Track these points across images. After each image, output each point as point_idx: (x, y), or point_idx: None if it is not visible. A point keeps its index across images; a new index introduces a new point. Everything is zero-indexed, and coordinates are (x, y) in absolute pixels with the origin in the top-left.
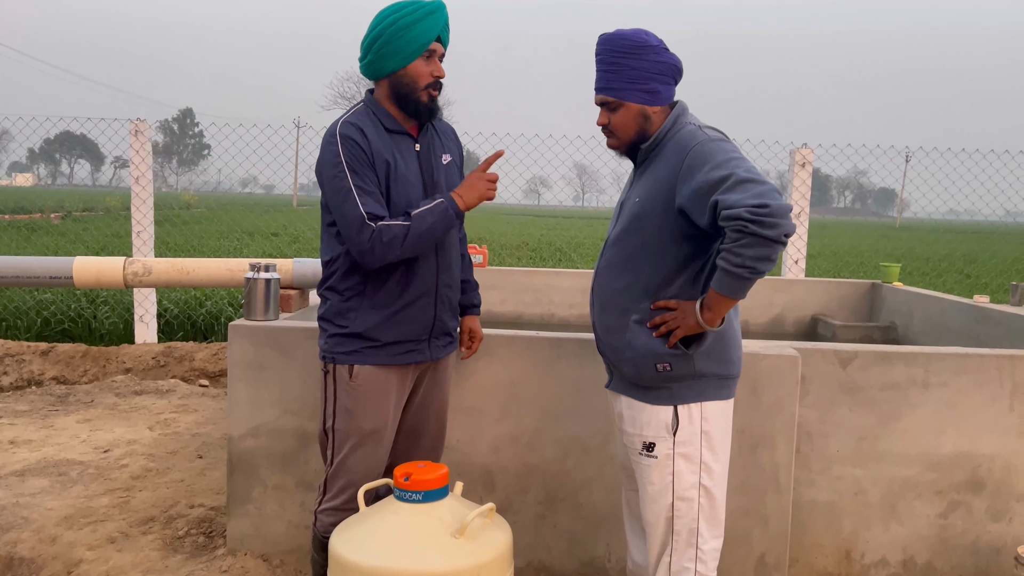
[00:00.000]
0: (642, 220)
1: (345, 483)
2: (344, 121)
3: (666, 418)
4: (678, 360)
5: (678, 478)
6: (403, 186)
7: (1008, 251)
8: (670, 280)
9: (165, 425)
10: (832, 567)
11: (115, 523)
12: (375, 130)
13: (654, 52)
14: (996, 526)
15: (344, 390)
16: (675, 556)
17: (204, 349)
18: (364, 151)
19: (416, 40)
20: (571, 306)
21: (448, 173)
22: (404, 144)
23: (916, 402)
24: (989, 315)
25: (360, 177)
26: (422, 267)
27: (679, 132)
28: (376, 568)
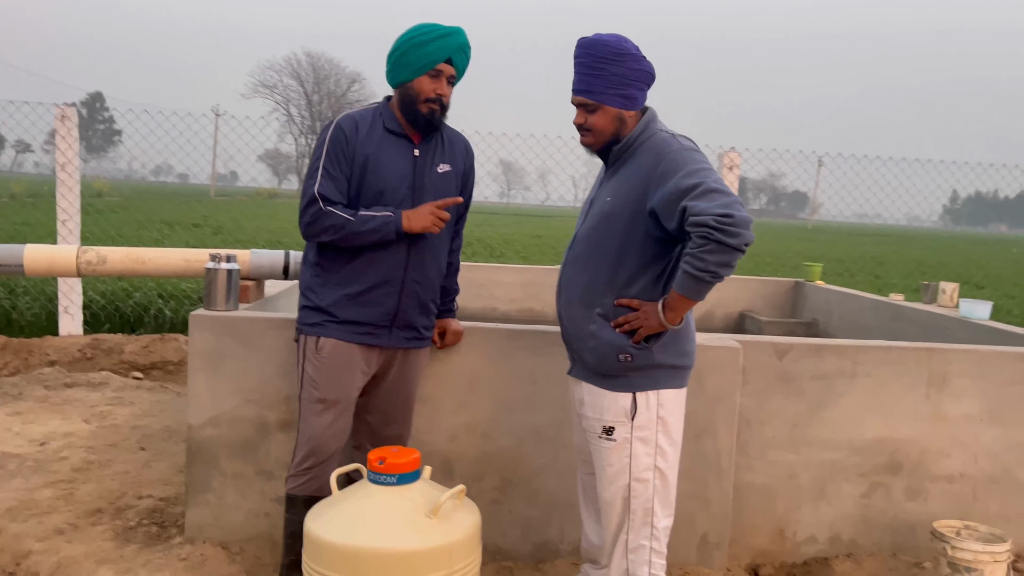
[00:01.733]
0: (611, 219)
1: (308, 450)
2: (347, 114)
3: (625, 404)
4: (639, 351)
5: (635, 460)
6: (381, 180)
7: (912, 254)
8: (634, 279)
9: (101, 418)
10: (767, 545)
11: (61, 515)
12: (371, 127)
13: (633, 60)
14: (912, 505)
15: (311, 360)
16: (631, 534)
17: (134, 342)
18: (347, 141)
19: (425, 58)
20: (512, 301)
21: (442, 181)
22: (400, 145)
23: (843, 391)
24: (903, 312)
25: (332, 162)
26: (389, 258)
27: (652, 137)
28: (354, 547)
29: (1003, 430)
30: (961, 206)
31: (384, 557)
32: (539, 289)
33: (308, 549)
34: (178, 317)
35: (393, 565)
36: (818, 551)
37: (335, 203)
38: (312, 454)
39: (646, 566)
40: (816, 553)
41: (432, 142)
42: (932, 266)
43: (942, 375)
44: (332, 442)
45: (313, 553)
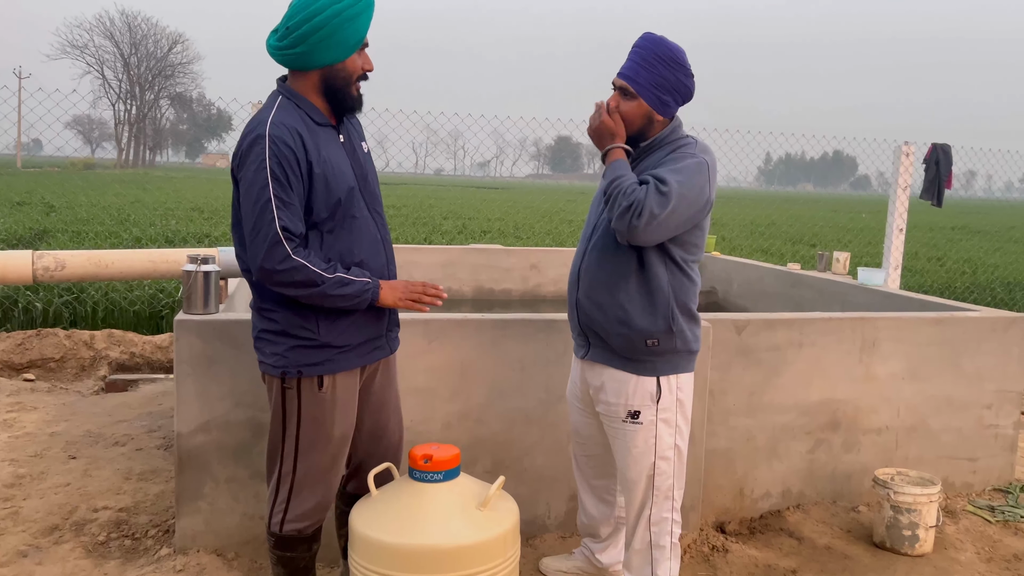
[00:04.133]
0: None
1: (320, 492)
2: (273, 121)
3: (651, 388)
4: (665, 336)
5: (659, 441)
6: (340, 181)
7: (742, 216)
8: (654, 263)
9: (8, 427)
10: (729, 503)
11: (15, 536)
12: (306, 127)
13: (684, 73)
14: (848, 456)
15: (313, 401)
16: (655, 508)
17: (6, 339)
18: (296, 157)
19: (358, 33)
20: (432, 281)
21: (369, 162)
22: (330, 137)
23: (792, 360)
24: (802, 280)
25: (283, 187)
26: (375, 263)
27: (677, 141)
28: (418, 546)
29: (920, 385)
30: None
31: (447, 552)
32: (457, 268)
33: (362, 550)
34: (51, 309)
35: (455, 559)
36: (772, 505)
37: (296, 236)
38: (324, 494)
39: (668, 536)
40: (771, 507)
41: (344, 124)
42: (764, 225)
43: (872, 340)
44: (336, 478)
45: (369, 554)
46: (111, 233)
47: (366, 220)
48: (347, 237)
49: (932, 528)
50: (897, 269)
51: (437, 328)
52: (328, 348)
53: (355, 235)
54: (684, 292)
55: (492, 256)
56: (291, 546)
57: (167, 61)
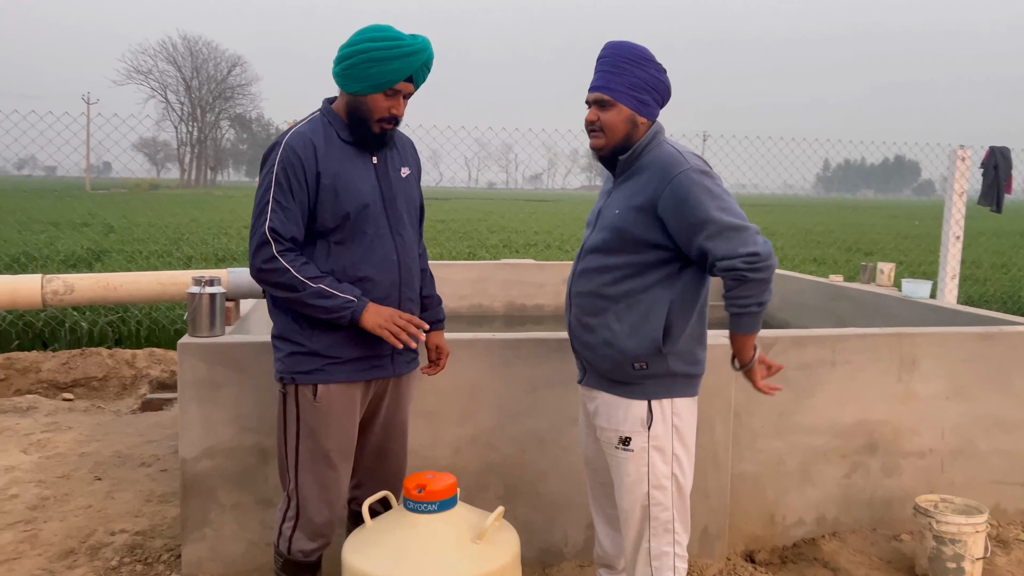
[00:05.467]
0: (619, 231)
1: (326, 508)
2: (295, 131)
3: (640, 413)
4: (653, 359)
5: (652, 469)
6: (353, 196)
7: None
8: (647, 285)
9: (41, 447)
10: (759, 530)
11: (31, 560)
12: (327, 142)
13: (656, 68)
14: (888, 481)
15: (309, 410)
16: (654, 541)
17: (51, 359)
18: (304, 165)
19: (383, 76)
20: (462, 297)
21: (407, 186)
22: (355, 154)
23: (825, 379)
24: (844, 293)
25: (283, 191)
26: (384, 281)
27: (658, 150)
28: None
29: (966, 405)
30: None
31: None
32: (487, 284)
33: None
34: (95, 329)
35: None
36: (806, 532)
37: (285, 239)
38: (326, 513)
39: (671, 572)
40: (804, 534)
41: (384, 149)
42: (820, 233)
43: (912, 358)
44: (341, 495)
45: None
46: (164, 252)
47: (383, 239)
48: (355, 251)
49: (980, 560)
50: (954, 279)
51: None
52: (318, 357)
53: (365, 251)
54: (685, 309)
55: (524, 271)
56: (296, 571)
57: (227, 83)
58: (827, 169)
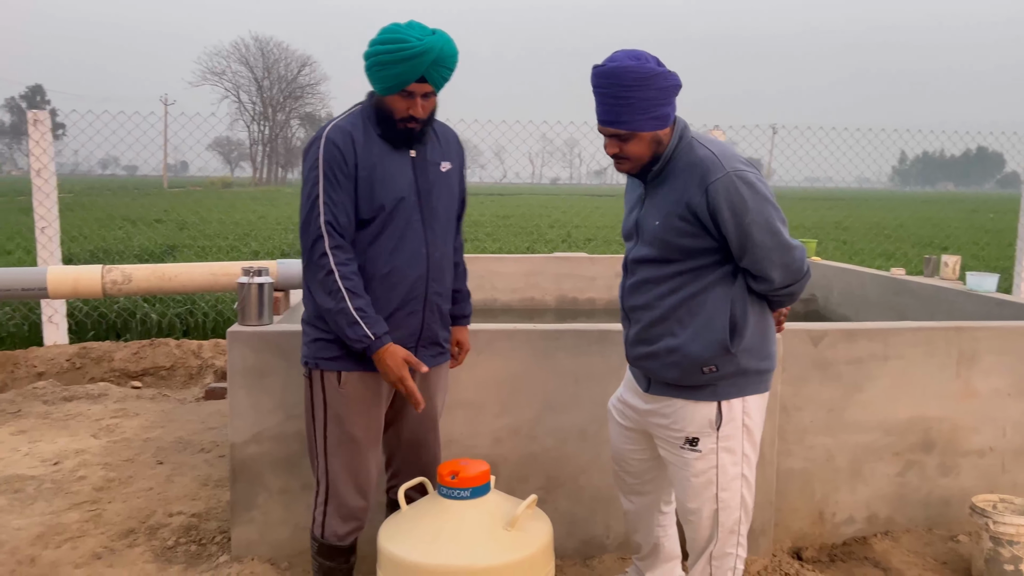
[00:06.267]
0: (665, 243)
1: (354, 487)
2: (334, 125)
3: (709, 414)
4: (722, 360)
5: (722, 471)
6: (389, 189)
7: (871, 217)
8: (705, 287)
9: (109, 432)
10: (807, 528)
11: (94, 538)
12: (365, 135)
13: (660, 79)
14: (945, 480)
15: (334, 396)
16: (718, 545)
17: (123, 348)
18: (344, 158)
19: (391, 80)
20: (513, 291)
21: (446, 181)
22: (397, 150)
23: (876, 374)
24: (907, 287)
25: (332, 184)
26: (411, 274)
27: (689, 152)
28: (438, 566)
29: None
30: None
31: (471, 574)
32: (540, 278)
33: (387, 568)
34: (164, 321)
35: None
36: (856, 531)
37: (338, 232)
38: (356, 499)
39: (731, 572)
40: (855, 533)
41: (426, 139)
42: (892, 227)
43: (971, 353)
44: (370, 481)
45: (390, 571)
46: (232, 247)
47: (414, 232)
48: (386, 244)
49: None
50: None
51: (485, 339)
52: (341, 344)
53: (396, 244)
54: (748, 304)
55: (576, 264)
56: (330, 555)
57: (296, 83)
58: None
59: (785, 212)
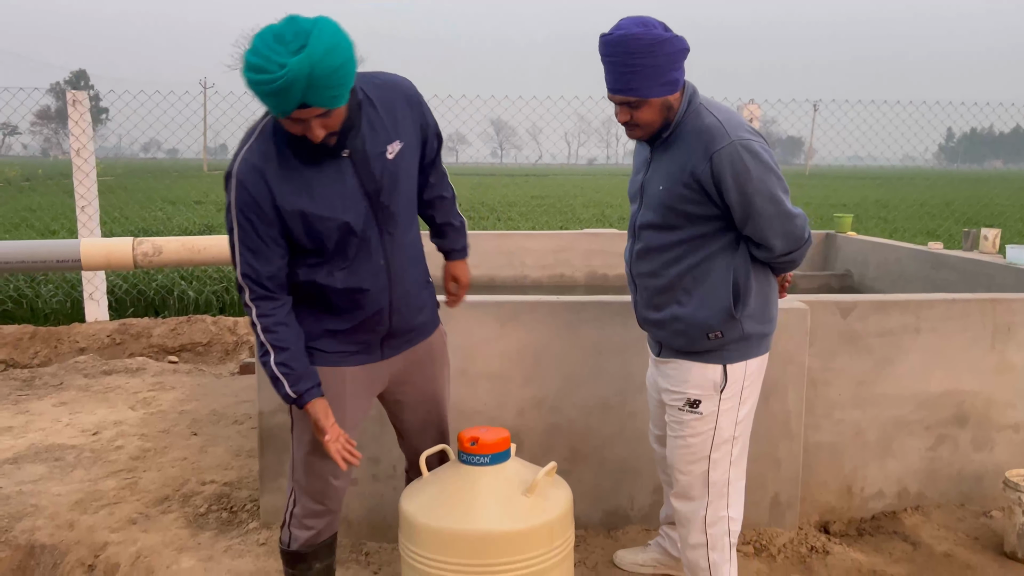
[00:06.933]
0: (670, 209)
1: (316, 497)
2: (242, 159)
3: (715, 377)
4: (727, 326)
5: (718, 433)
6: (327, 220)
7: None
8: (710, 255)
9: (146, 404)
10: (835, 502)
11: (130, 505)
12: (280, 161)
13: (668, 45)
14: (979, 455)
15: None
16: (710, 508)
17: (161, 324)
18: (258, 202)
19: (271, 109)
20: (543, 267)
21: (399, 165)
22: (328, 158)
23: (908, 347)
24: (945, 261)
25: (247, 233)
26: (372, 290)
27: (696, 119)
28: (456, 530)
29: None
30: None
31: (487, 538)
32: (569, 254)
33: (406, 531)
34: (201, 298)
35: (495, 546)
36: (886, 505)
37: (259, 284)
38: (321, 502)
39: (726, 536)
40: (884, 508)
41: (358, 131)
42: (937, 206)
43: (1007, 325)
44: (343, 483)
45: (412, 536)
46: None
47: (371, 246)
48: (337, 264)
49: None
50: None
51: (509, 311)
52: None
53: (348, 265)
54: (751, 270)
55: (606, 241)
56: (296, 560)
57: None
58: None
59: (825, 191)
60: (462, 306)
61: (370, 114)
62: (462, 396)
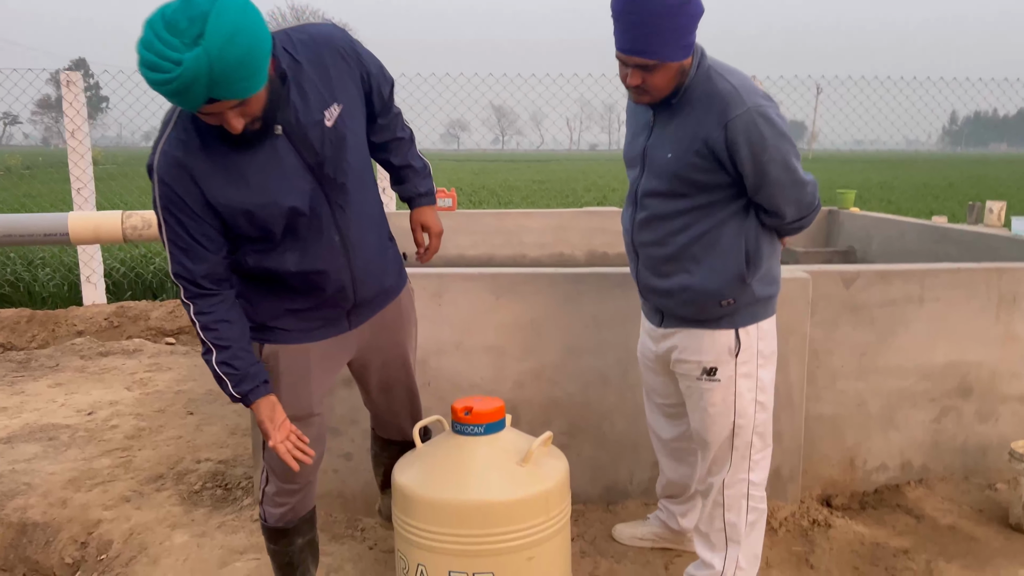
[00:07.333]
0: (679, 178)
1: (285, 478)
2: (162, 151)
3: (728, 342)
4: (739, 292)
5: (739, 398)
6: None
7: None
8: (721, 222)
9: (143, 384)
10: (838, 475)
11: (124, 482)
12: (204, 151)
13: (691, 5)
14: (983, 427)
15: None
16: (731, 472)
17: (159, 307)
18: (184, 199)
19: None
20: (542, 246)
21: (342, 132)
22: (259, 140)
23: (912, 317)
24: (948, 235)
25: (175, 232)
26: (329, 270)
27: (707, 83)
28: (450, 501)
29: None
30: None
31: (482, 508)
32: (569, 233)
33: (400, 503)
34: None
35: (491, 516)
36: (889, 478)
37: (193, 283)
38: (291, 481)
39: (744, 499)
40: (887, 480)
41: (288, 102)
42: (940, 187)
43: (1012, 295)
44: (314, 459)
45: (407, 508)
46: None
47: (323, 224)
48: (289, 247)
49: None
50: None
51: (506, 282)
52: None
53: (300, 247)
54: (762, 233)
55: (606, 219)
56: (277, 536)
57: None
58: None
59: (829, 174)
60: (458, 278)
61: (299, 79)
62: (458, 369)
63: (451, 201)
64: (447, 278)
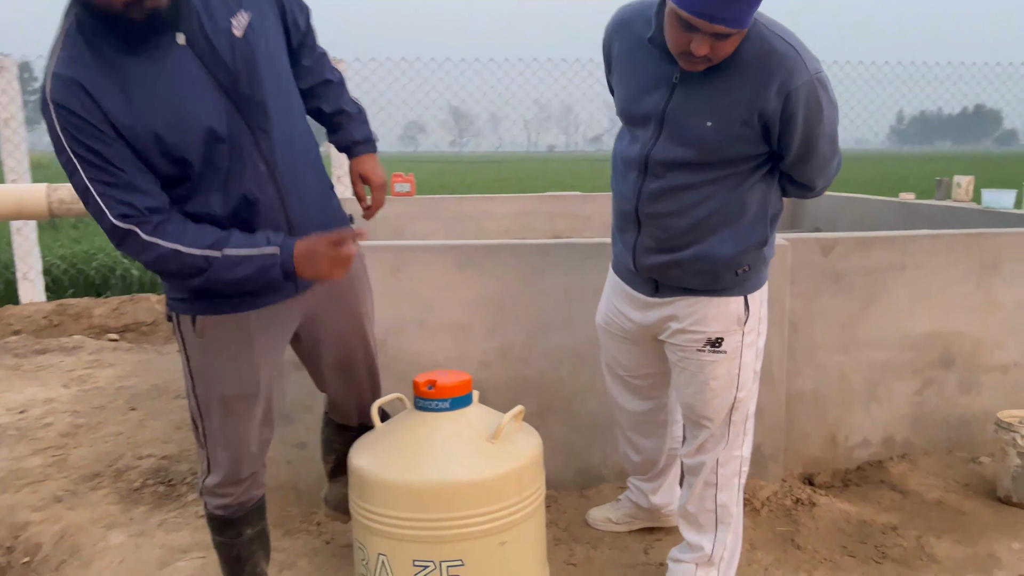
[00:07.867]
0: (715, 150)
1: (231, 462)
2: (54, 74)
3: (738, 310)
4: (755, 257)
5: (743, 371)
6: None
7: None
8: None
9: (81, 382)
10: (818, 452)
11: (56, 482)
12: (98, 64)
13: None
14: (966, 398)
15: (194, 347)
16: (727, 448)
17: (102, 304)
18: (91, 122)
19: None
20: (506, 232)
21: (254, 43)
22: (159, 49)
23: (892, 285)
24: (918, 210)
25: (95, 167)
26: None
27: (763, 41)
28: (416, 482)
29: None
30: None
31: (449, 489)
32: (532, 218)
33: (357, 488)
34: (146, 276)
35: (459, 497)
36: (872, 455)
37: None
38: (237, 466)
39: (736, 477)
40: (870, 457)
41: (190, 9)
42: (893, 180)
43: (993, 262)
44: (262, 445)
45: (365, 492)
46: None
47: (244, 153)
48: (211, 184)
49: None
50: None
51: (468, 255)
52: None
53: (223, 179)
54: (778, 196)
55: (569, 203)
56: (224, 526)
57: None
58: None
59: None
60: (418, 251)
61: None
62: (420, 349)
63: (409, 186)
64: (407, 251)
